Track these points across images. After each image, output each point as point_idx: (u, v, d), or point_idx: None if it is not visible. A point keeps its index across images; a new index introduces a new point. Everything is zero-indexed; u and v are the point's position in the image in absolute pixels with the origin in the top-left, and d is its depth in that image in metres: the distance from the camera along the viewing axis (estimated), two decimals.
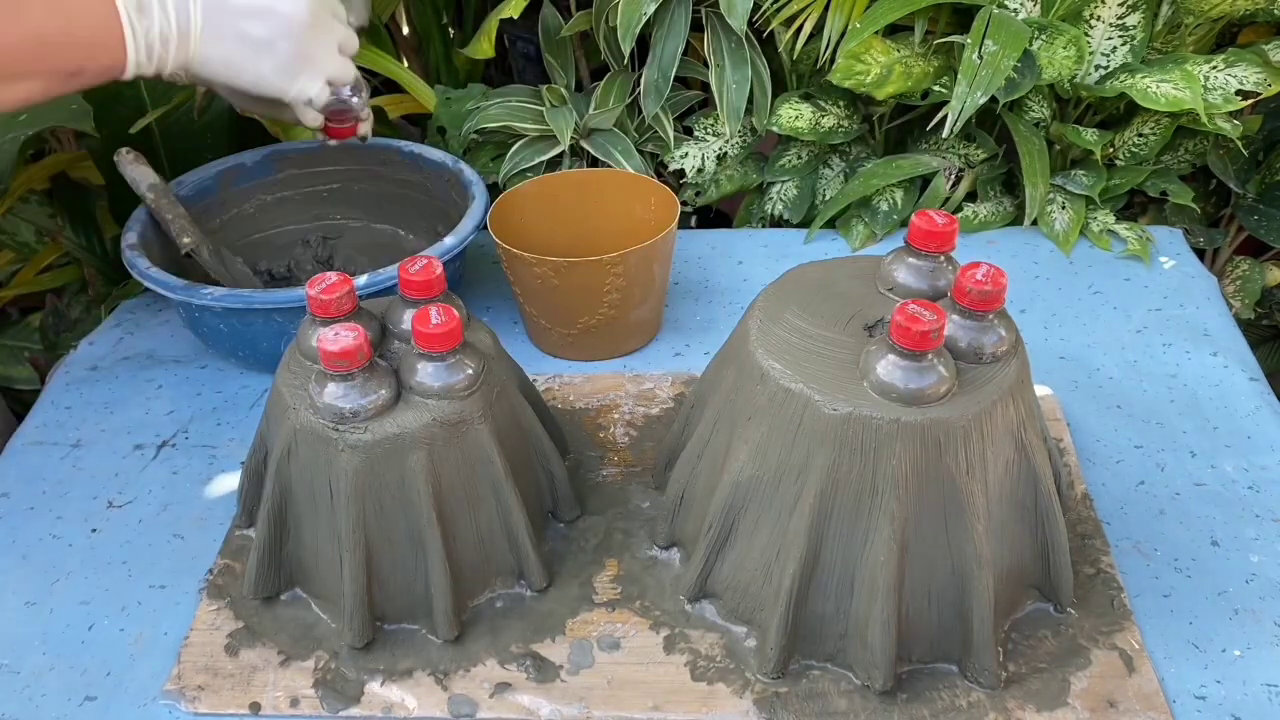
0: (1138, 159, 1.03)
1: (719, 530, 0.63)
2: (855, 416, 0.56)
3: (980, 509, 0.58)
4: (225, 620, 0.67)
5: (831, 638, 0.61)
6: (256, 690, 0.62)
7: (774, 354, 0.60)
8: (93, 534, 0.74)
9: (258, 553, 0.66)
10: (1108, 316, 0.92)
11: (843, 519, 0.58)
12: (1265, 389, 0.82)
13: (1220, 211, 1.14)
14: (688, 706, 0.61)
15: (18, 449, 0.83)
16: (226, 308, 0.79)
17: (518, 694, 0.62)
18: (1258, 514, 0.71)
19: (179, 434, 0.83)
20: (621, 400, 0.83)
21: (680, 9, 1.03)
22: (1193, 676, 0.61)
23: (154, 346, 0.94)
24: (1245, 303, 1.08)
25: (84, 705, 0.63)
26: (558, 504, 0.72)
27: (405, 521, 0.62)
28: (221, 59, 0.69)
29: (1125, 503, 0.73)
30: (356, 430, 0.60)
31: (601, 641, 0.64)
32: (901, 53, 1.00)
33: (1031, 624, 0.64)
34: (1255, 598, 0.66)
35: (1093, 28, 0.99)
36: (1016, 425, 0.59)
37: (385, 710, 0.61)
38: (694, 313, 0.94)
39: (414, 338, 0.61)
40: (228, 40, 0.68)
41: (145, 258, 0.82)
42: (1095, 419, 0.80)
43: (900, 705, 0.60)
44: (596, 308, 0.84)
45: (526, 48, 1.31)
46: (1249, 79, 0.96)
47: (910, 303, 0.56)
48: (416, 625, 0.65)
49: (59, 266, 1.23)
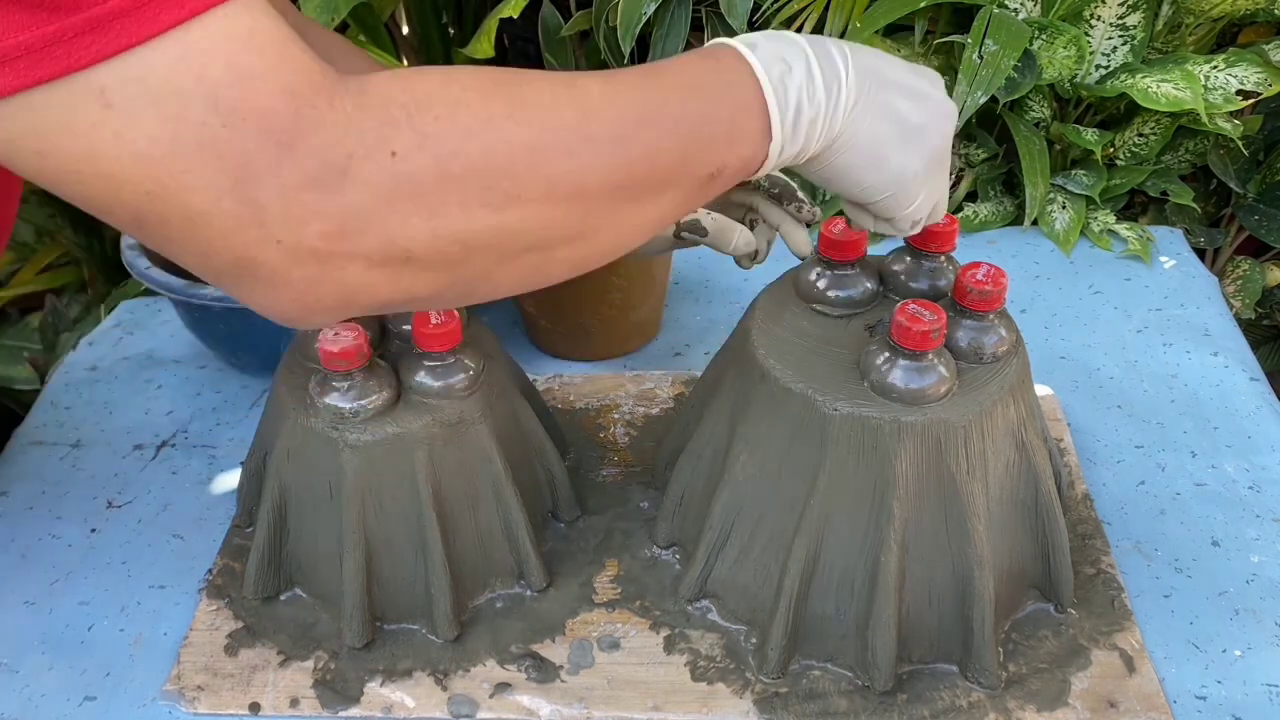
0: (1138, 159, 1.03)
1: (719, 530, 0.63)
2: (855, 416, 0.56)
3: (980, 509, 0.57)
4: (225, 620, 0.67)
5: (832, 638, 0.61)
6: (256, 690, 0.62)
7: (774, 354, 0.60)
8: (92, 534, 0.74)
9: (258, 553, 0.66)
10: (1108, 316, 0.91)
11: (843, 519, 0.58)
12: (1266, 389, 0.82)
13: (1220, 211, 1.14)
14: (688, 706, 0.61)
15: (17, 449, 0.83)
16: (226, 308, 0.79)
17: (518, 694, 0.61)
18: (1258, 514, 0.71)
19: (179, 434, 0.83)
20: (621, 400, 0.83)
21: (680, 9, 1.03)
22: (1193, 677, 0.61)
23: (154, 346, 0.94)
24: (1246, 303, 1.08)
25: (84, 705, 0.63)
26: (558, 504, 0.72)
27: (405, 521, 0.62)
28: (869, 141, 0.51)
29: (1126, 503, 0.72)
30: (356, 430, 0.60)
31: (601, 641, 0.64)
32: (902, 52, 1.00)
33: (1032, 624, 0.64)
34: (1256, 598, 0.66)
35: (1093, 28, 0.99)
36: (1017, 425, 0.59)
37: (385, 710, 0.61)
38: (694, 313, 0.94)
39: (414, 338, 0.61)
40: (881, 118, 0.51)
41: (145, 258, 0.82)
42: (1095, 419, 0.80)
43: (900, 705, 0.60)
44: (597, 308, 0.84)
45: (526, 47, 1.31)
46: (1249, 79, 0.96)
47: (910, 303, 0.56)
48: (416, 625, 0.65)
49: (59, 266, 1.23)
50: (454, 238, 0.42)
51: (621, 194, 0.46)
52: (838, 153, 0.51)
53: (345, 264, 0.41)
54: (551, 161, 0.44)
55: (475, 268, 0.44)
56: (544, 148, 0.43)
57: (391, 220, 0.41)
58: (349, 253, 0.41)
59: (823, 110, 0.49)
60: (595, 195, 0.45)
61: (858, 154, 0.52)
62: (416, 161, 0.41)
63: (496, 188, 0.42)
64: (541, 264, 0.47)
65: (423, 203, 0.41)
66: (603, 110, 0.45)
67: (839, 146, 0.51)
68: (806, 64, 0.49)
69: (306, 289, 0.42)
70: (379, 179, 0.40)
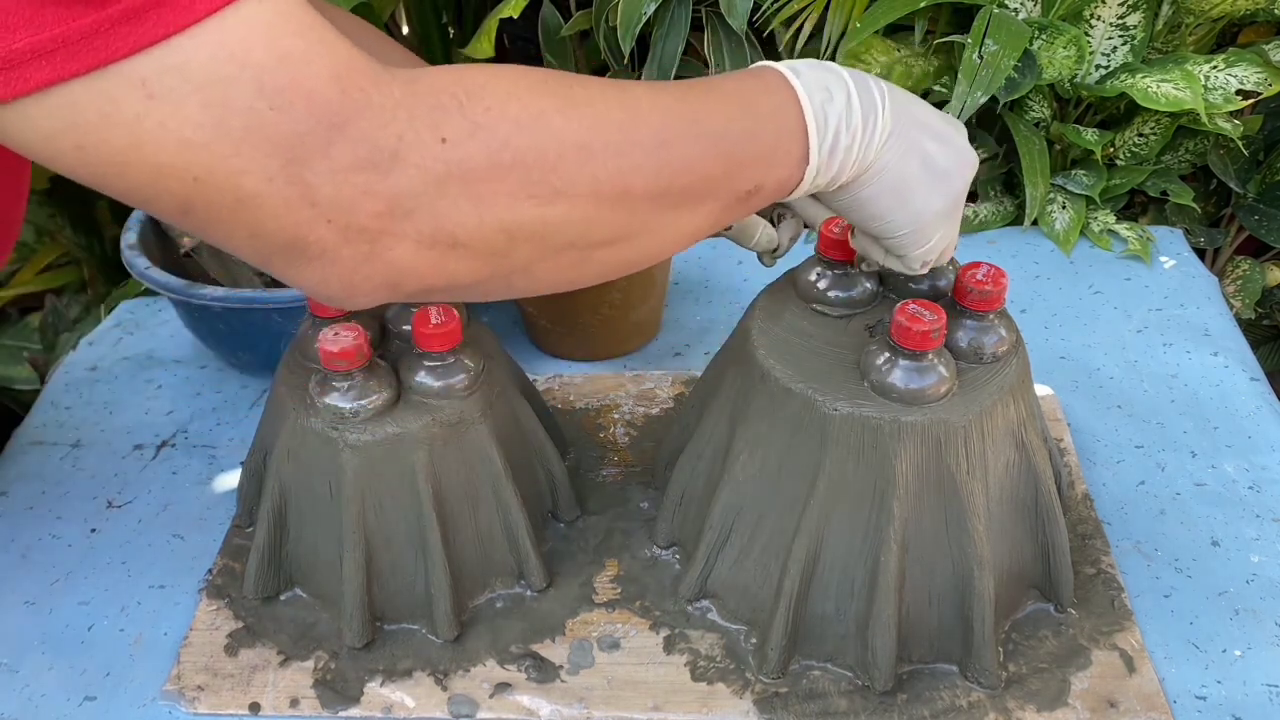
0: (1138, 159, 1.03)
1: (719, 530, 0.63)
2: (855, 416, 0.56)
3: (980, 509, 0.58)
4: (225, 620, 0.67)
5: (832, 638, 0.61)
6: (256, 690, 0.62)
7: (774, 354, 0.60)
8: (92, 534, 0.74)
9: (258, 553, 0.66)
10: (1108, 316, 0.91)
11: (843, 519, 0.58)
12: (1266, 389, 0.82)
13: (1220, 211, 1.14)
14: (688, 706, 0.61)
15: (17, 449, 0.83)
16: (226, 308, 0.79)
17: (517, 694, 0.61)
18: (1258, 514, 0.71)
19: (179, 434, 0.83)
20: (621, 400, 0.83)
21: (680, 9, 1.03)
22: (1193, 677, 0.61)
23: (154, 346, 0.94)
24: (1246, 303, 1.08)
25: (84, 705, 0.63)
26: (558, 504, 0.72)
27: (405, 521, 0.62)
28: (897, 176, 0.52)
29: (1125, 503, 0.72)
30: (356, 430, 0.60)
31: (601, 641, 0.64)
32: (902, 52, 1.00)
33: (1032, 624, 0.64)
34: (1256, 598, 0.66)
35: (1093, 27, 0.99)
36: (1017, 425, 0.59)
37: (385, 710, 0.61)
38: (694, 313, 0.94)
39: (414, 338, 0.61)
40: (911, 156, 0.52)
41: (145, 258, 0.82)
42: (1095, 419, 0.80)
43: (900, 705, 0.60)
44: (597, 308, 0.84)
45: (526, 47, 1.31)
46: (1249, 79, 0.96)
47: (910, 303, 0.56)
48: (416, 625, 0.65)
49: (59, 266, 1.23)
50: (500, 226, 0.43)
51: (664, 200, 0.47)
52: (865, 184, 0.52)
53: (394, 244, 0.42)
54: (599, 160, 0.44)
55: (518, 259, 0.45)
56: (592, 146, 0.44)
57: (440, 204, 0.41)
58: (399, 233, 0.41)
59: (859, 140, 0.50)
60: (639, 198, 0.46)
61: (884, 188, 0.52)
62: (467, 149, 0.41)
63: (545, 181, 0.43)
64: (580, 262, 0.47)
65: (472, 189, 0.42)
66: (651, 116, 0.46)
67: (867, 178, 0.52)
68: (847, 94, 0.50)
69: (355, 268, 0.42)
70: (429, 163, 0.41)
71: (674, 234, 0.49)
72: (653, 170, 0.46)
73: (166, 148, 0.38)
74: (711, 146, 0.47)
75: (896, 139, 0.51)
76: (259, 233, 0.41)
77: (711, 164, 0.48)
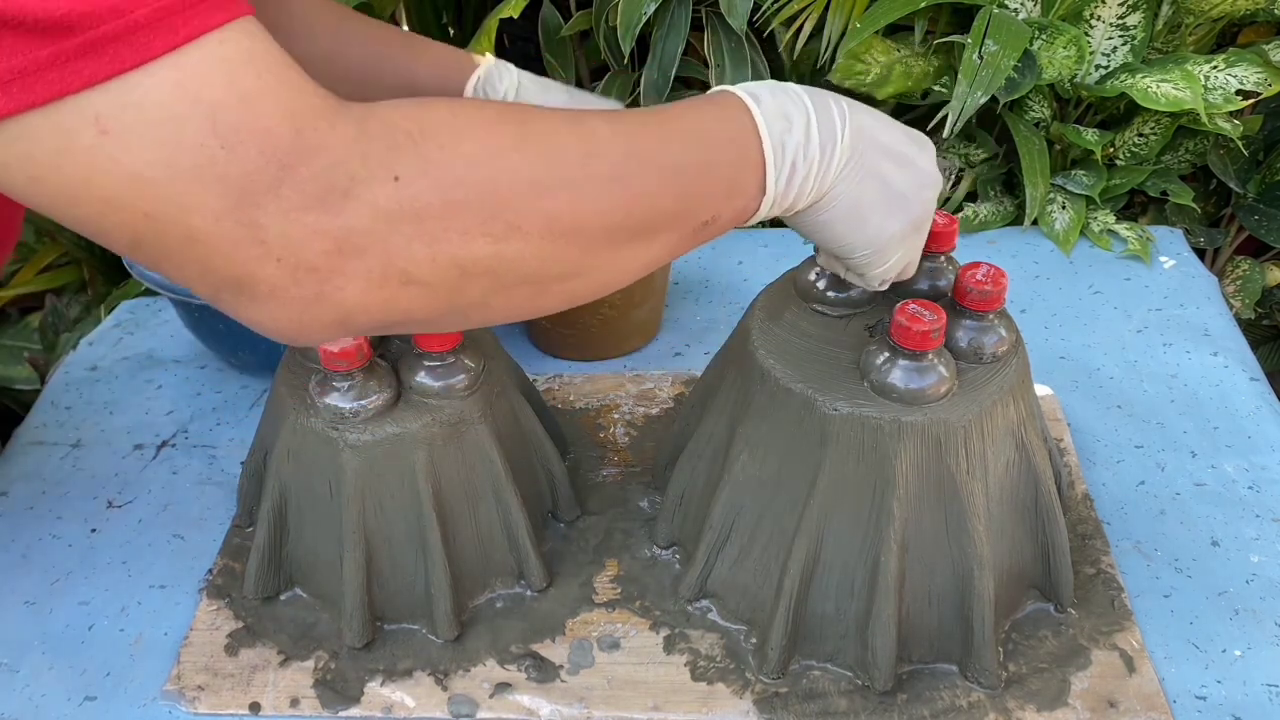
0: (1138, 159, 1.03)
1: (719, 530, 0.63)
2: (855, 416, 0.56)
3: (980, 509, 0.58)
4: (225, 620, 0.67)
5: (832, 638, 0.61)
6: (256, 690, 0.62)
7: (774, 354, 0.60)
8: (92, 534, 0.74)
9: (258, 553, 0.66)
10: (1108, 316, 0.91)
11: (843, 519, 0.58)
12: (1266, 389, 0.82)
13: (1220, 211, 1.14)
14: (688, 706, 0.61)
15: (18, 449, 0.83)
16: None
17: (518, 694, 0.62)
18: (1258, 514, 0.71)
19: (179, 434, 0.83)
20: (621, 400, 0.83)
21: (680, 9, 1.03)
22: (1193, 677, 0.61)
23: (154, 346, 0.94)
24: (1245, 303, 1.08)
25: (84, 705, 0.63)
26: (558, 504, 0.72)
27: (405, 521, 0.62)
28: (853, 202, 0.52)
29: (1125, 503, 0.72)
30: (356, 430, 0.60)
31: (601, 641, 0.64)
32: (902, 52, 1.00)
33: (1032, 624, 0.64)
34: (1256, 598, 0.66)
35: (1093, 28, 0.99)
36: (1017, 425, 0.59)
37: (385, 710, 0.61)
38: (694, 313, 0.94)
39: (414, 338, 0.61)
40: (868, 181, 0.52)
41: None
42: (1095, 419, 0.80)
43: (900, 705, 0.60)
44: (597, 308, 0.84)
45: (526, 47, 1.31)
46: (1249, 79, 0.96)
47: (910, 303, 0.56)
48: (416, 625, 0.65)
49: (59, 266, 1.23)
50: (453, 263, 0.43)
51: (619, 234, 0.47)
52: (822, 210, 0.53)
53: (344, 284, 0.41)
54: (553, 196, 0.44)
55: (473, 295, 0.45)
56: (546, 182, 0.44)
57: (392, 242, 0.41)
58: (349, 271, 0.41)
59: (815, 169, 0.51)
60: (593, 233, 0.46)
61: (840, 213, 0.53)
62: (419, 187, 0.41)
63: (498, 218, 0.43)
64: (535, 296, 0.47)
65: (424, 228, 0.41)
66: (607, 150, 0.46)
67: (824, 204, 0.52)
68: (807, 121, 0.50)
69: (304, 307, 0.42)
70: (381, 202, 0.40)
71: (630, 265, 0.49)
72: (608, 205, 0.46)
73: (118, 182, 0.37)
74: (668, 180, 0.47)
75: (853, 166, 0.52)
76: (208, 269, 0.40)
77: (668, 198, 0.48)
